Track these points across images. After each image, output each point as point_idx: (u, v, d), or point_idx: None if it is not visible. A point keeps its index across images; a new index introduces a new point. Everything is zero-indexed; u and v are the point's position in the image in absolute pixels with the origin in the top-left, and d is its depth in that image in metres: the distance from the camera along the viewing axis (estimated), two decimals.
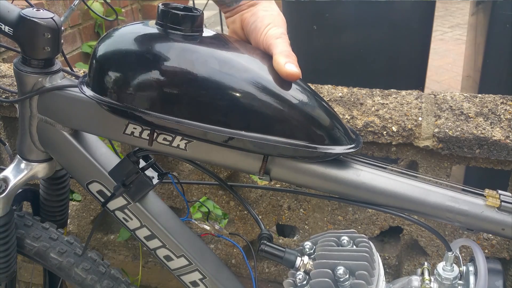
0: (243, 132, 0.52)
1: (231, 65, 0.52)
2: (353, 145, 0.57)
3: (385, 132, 0.90)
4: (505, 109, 0.90)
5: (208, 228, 0.98)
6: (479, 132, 0.86)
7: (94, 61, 0.56)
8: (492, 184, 0.63)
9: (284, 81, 0.53)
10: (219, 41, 0.58)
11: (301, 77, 0.54)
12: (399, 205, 0.56)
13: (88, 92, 0.56)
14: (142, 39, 0.54)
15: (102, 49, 0.55)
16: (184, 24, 0.54)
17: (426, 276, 0.60)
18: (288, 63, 0.53)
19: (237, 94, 0.51)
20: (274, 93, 0.52)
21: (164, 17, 0.54)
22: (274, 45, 0.56)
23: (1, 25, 0.61)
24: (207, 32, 0.57)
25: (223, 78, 0.51)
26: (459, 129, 0.87)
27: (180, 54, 0.52)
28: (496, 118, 0.89)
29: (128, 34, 0.56)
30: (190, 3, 2.55)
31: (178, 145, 0.61)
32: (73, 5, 0.73)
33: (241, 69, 0.53)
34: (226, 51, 0.55)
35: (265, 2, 0.61)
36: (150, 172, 0.68)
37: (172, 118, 0.52)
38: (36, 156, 0.70)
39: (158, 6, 0.55)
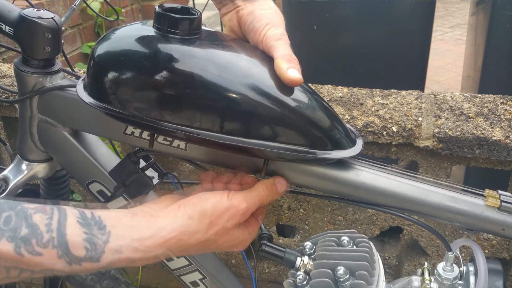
0: (242, 139, 0.51)
1: (230, 70, 0.51)
2: (354, 148, 0.56)
3: (385, 132, 0.90)
4: (505, 109, 0.90)
5: None
6: (479, 132, 0.86)
7: (91, 64, 0.55)
8: (492, 184, 0.63)
9: (285, 86, 0.52)
10: (218, 43, 0.56)
11: (303, 82, 0.52)
12: (399, 205, 0.56)
13: (86, 97, 0.55)
14: (139, 43, 0.53)
15: (99, 53, 0.54)
16: (181, 27, 0.52)
17: (426, 276, 0.60)
18: (291, 69, 0.51)
19: (236, 100, 0.50)
20: (274, 99, 0.51)
21: (161, 20, 0.52)
22: (275, 47, 0.54)
23: (2, 25, 0.61)
24: (205, 33, 0.56)
25: (222, 84, 0.50)
26: (459, 129, 0.87)
27: (177, 59, 0.51)
28: (496, 118, 0.89)
29: (124, 38, 0.55)
30: (190, 3, 2.55)
31: (179, 145, 0.60)
32: (74, 5, 0.73)
33: (240, 74, 0.51)
34: (225, 54, 0.54)
35: (262, 1, 0.60)
36: (150, 172, 0.68)
37: (169, 124, 0.51)
38: (36, 156, 0.70)
39: (155, 8, 0.53)
